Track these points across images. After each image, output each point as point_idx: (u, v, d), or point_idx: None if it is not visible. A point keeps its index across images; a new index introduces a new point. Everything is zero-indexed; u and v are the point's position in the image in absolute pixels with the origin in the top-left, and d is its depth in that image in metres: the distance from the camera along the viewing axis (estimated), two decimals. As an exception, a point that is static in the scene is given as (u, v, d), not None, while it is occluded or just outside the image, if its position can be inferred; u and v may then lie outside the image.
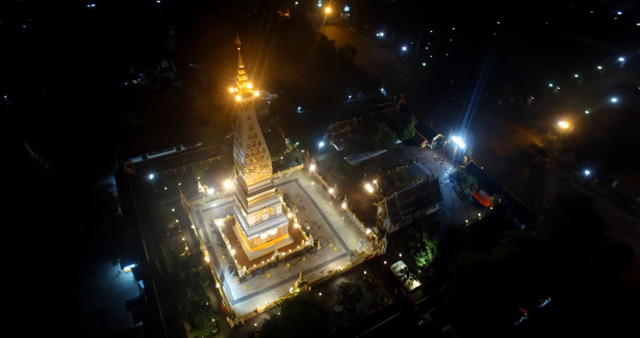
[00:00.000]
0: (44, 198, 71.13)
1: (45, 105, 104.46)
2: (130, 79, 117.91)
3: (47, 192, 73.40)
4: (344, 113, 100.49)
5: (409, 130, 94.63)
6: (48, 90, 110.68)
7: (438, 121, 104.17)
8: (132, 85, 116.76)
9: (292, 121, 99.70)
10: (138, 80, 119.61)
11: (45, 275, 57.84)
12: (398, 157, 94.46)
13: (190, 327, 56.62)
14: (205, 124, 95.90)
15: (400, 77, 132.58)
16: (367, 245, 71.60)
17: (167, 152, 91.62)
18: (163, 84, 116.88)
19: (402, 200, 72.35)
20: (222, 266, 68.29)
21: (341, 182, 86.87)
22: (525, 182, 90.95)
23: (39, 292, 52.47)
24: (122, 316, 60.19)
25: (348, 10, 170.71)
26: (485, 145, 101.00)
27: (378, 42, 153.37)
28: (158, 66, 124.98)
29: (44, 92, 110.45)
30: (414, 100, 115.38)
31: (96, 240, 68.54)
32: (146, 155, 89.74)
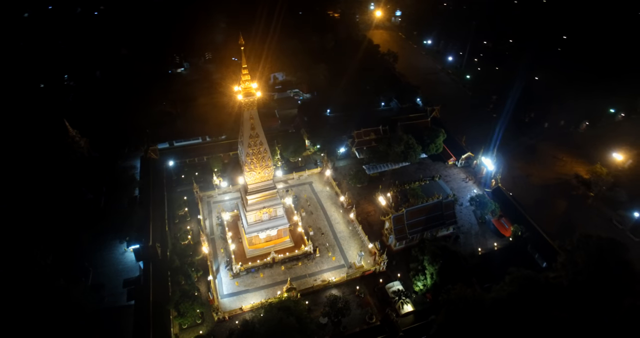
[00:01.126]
0: (72, 172, 77.02)
1: (97, 87, 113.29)
2: (175, 68, 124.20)
3: (77, 166, 79.44)
4: (374, 120, 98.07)
5: (436, 145, 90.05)
6: (102, 73, 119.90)
7: (472, 139, 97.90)
8: (175, 73, 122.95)
9: (319, 123, 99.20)
10: (181, 69, 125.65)
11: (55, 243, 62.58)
12: (421, 171, 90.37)
13: (176, 314, 58.10)
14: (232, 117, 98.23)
15: (441, 88, 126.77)
16: (367, 259, 69.24)
17: (192, 141, 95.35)
18: (204, 74, 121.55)
19: (410, 218, 69.02)
20: (220, 259, 69.67)
21: (356, 190, 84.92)
22: (558, 215, 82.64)
23: (46, 258, 56.90)
24: (119, 292, 63.65)
25: (399, 14, 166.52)
26: (520, 170, 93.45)
27: (425, 50, 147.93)
28: (202, 57, 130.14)
29: (98, 75, 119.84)
30: (451, 114, 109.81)
31: (111, 217, 72.80)
32: (173, 142, 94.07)
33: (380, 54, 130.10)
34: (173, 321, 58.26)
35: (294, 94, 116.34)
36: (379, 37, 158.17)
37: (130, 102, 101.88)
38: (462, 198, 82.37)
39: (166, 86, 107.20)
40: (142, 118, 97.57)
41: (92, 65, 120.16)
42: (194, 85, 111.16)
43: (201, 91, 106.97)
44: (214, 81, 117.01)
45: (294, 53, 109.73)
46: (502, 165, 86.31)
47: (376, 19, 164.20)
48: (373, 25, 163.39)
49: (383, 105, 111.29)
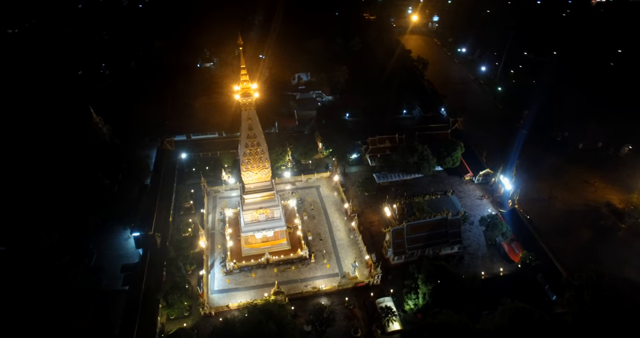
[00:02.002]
0: (92, 157, 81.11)
1: (130, 77, 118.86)
2: (204, 62, 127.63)
3: (97, 152, 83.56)
4: (393, 127, 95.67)
5: (453, 159, 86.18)
6: (136, 64, 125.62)
7: (495, 155, 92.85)
8: (203, 68, 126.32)
9: (336, 127, 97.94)
10: (210, 64, 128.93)
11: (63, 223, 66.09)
12: (434, 184, 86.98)
13: (165, 304, 59.40)
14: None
15: (470, 98, 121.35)
16: (363, 270, 67.45)
17: (209, 135, 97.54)
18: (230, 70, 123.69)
19: (411, 233, 66.48)
20: (216, 255, 70.62)
21: (363, 199, 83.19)
22: (580, 246, 76.08)
23: (51, 237, 60.22)
24: (117, 277, 66.13)
25: (437, 20, 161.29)
26: (543, 192, 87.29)
27: (458, 58, 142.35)
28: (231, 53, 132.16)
29: (133, 65, 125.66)
30: (477, 127, 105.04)
31: (121, 203, 75.85)
32: (190, 135, 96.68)
33: (410, 59, 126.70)
34: (161, 311, 59.64)
35: (316, 95, 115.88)
36: (414, 42, 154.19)
37: (157, 93, 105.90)
38: (474, 217, 78.28)
39: (193, 80, 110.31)
40: (165, 109, 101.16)
41: (128, 56, 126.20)
42: (219, 80, 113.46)
43: (224, 87, 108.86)
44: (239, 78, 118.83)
45: (317, 53, 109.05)
46: (522, 185, 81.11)
47: (412, 24, 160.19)
48: (409, 30, 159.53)
49: (405, 112, 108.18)
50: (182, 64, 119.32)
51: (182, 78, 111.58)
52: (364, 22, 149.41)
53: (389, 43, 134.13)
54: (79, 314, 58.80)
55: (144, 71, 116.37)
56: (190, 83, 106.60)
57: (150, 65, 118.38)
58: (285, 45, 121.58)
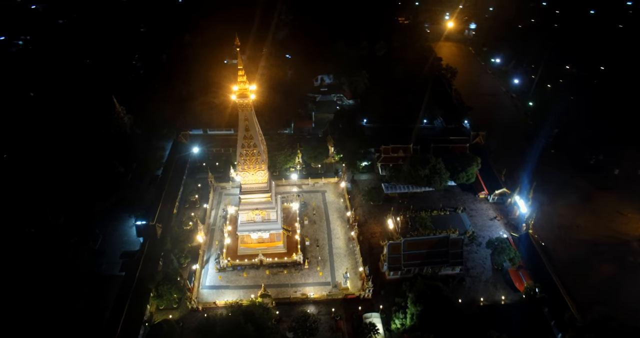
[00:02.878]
0: (110, 144, 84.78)
1: (161, 70, 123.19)
2: (231, 58, 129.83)
3: (116, 140, 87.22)
4: (411, 136, 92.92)
5: (467, 174, 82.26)
6: (168, 57, 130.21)
7: (516, 173, 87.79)
8: (230, 64, 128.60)
9: (351, 132, 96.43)
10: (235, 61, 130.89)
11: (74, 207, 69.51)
12: (445, 200, 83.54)
13: (155, 294, 60.88)
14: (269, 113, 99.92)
15: (499, 112, 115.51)
16: (356, 282, 65.86)
17: (224, 131, 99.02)
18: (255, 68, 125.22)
19: (408, 249, 64.09)
20: (213, 251, 71.58)
21: (368, 208, 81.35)
22: (599, 282, 69.71)
23: (57, 218, 63.44)
24: (116, 262, 68.76)
25: (474, 28, 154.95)
26: (565, 218, 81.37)
27: (492, 69, 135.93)
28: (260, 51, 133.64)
29: (165, 58, 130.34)
30: (501, 143, 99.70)
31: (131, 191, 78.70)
32: (207, 130, 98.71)
33: (439, 67, 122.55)
34: (151, 300, 61.17)
35: (337, 99, 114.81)
36: (447, 49, 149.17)
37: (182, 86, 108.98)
38: (483, 238, 74.37)
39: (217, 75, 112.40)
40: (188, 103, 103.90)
41: (160, 49, 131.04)
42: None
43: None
44: (264, 76, 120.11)
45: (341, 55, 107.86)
46: (540, 208, 76.18)
47: (448, 30, 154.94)
48: (443, 37, 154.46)
49: (426, 122, 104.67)
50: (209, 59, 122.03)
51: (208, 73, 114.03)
52: (396, 26, 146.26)
53: (420, 49, 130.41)
54: (76, 295, 61.57)
55: (172, 64, 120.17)
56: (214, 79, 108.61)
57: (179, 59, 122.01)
58: (311, 45, 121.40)
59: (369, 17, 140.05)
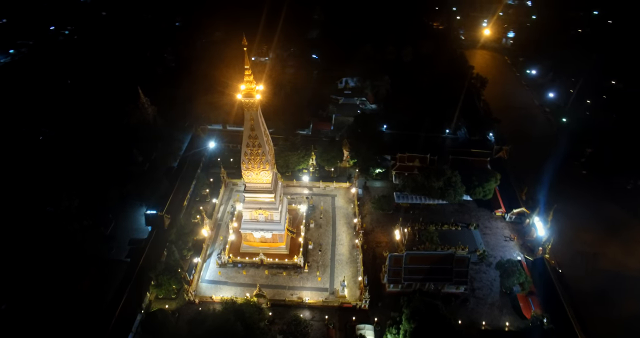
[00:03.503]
0: (131, 134, 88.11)
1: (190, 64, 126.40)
2: (259, 56, 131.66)
3: (138, 130, 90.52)
4: (430, 146, 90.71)
5: (484, 190, 78.87)
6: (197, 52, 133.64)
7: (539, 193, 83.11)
8: (258, 62, 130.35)
9: (370, 137, 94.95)
10: (265, 59, 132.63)
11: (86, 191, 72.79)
12: (459, 214, 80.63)
13: (154, 283, 62.62)
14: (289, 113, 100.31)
15: (529, 126, 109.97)
16: (354, 291, 64.80)
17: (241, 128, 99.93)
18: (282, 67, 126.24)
19: (410, 263, 62.32)
20: (217, 245, 72.70)
21: (378, 217, 79.85)
22: (620, 320, 64.55)
23: (72, 201, 66.72)
24: (124, 248, 71.33)
25: (512, 36, 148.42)
26: (589, 245, 76.19)
27: (527, 80, 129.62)
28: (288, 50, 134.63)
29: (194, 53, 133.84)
30: (527, 159, 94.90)
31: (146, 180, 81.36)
32: (226, 126, 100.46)
33: (469, 75, 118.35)
34: (151, 289, 62.96)
35: (360, 102, 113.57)
36: (480, 58, 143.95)
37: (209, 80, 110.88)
38: (494, 258, 71.20)
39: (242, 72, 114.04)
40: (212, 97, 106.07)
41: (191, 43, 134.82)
42: (271, 73, 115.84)
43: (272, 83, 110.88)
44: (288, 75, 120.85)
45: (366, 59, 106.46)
46: (560, 232, 71.94)
47: (484, 38, 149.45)
48: (479, 44, 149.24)
49: (448, 132, 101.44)
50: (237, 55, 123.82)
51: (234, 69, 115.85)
52: (428, 31, 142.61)
53: (451, 56, 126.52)
54: (82, 276, 64.40)
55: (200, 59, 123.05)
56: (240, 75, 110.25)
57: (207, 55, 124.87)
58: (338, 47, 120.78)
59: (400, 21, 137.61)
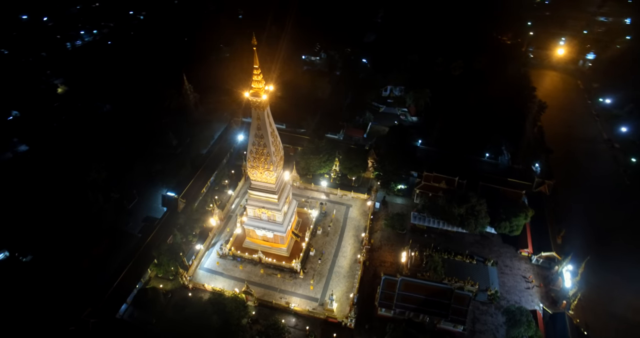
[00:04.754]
0: (171, 117, 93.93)
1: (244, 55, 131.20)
2: (311, 55, 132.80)
3: (177, 114, 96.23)
4: (463, 168, 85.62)
5: (511, 225, 72.19)
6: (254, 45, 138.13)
7: (581, 240, 74.21)
8: (308, 61, 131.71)
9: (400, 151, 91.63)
10: (317, 58, 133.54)
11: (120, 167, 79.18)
12: (478, 246, 74.98)
13: (156, 262, 66.35)
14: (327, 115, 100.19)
15: (589, 162, 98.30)
16: (344, 307, 63.14)
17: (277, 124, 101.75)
18: (330, 68, 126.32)
19: (404, 290, 59.26)
20: (222, 236, 75.02)
21: (389, 234, 77.05)
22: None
23: (100, 173, 73.05)
24: (138, 224, 76.51)
25: (592, 58, 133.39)
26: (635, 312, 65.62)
27: (598, 110, 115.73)
28: (345, 50, 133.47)
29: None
30: (578, 198, 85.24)
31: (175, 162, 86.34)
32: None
33: (528, 97, 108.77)
34: (152, 267, 66.79)
35: (400, 113, 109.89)
36: (548, 79, 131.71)
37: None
38: (507, 301, 65.12)
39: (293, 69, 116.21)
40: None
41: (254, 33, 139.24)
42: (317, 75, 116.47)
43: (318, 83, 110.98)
44: (334, 76, 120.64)
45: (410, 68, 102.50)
46: (593, 287, 63.66)
47: (557, 58, 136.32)
48: (549, 64, 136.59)
49: (489, 156, 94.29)
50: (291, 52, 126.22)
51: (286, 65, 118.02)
52: (491, 45, 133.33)
53: (512, 74, 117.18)
54: (97, 243, 70.21)
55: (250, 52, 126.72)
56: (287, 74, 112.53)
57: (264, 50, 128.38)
58: (389, 53, 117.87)
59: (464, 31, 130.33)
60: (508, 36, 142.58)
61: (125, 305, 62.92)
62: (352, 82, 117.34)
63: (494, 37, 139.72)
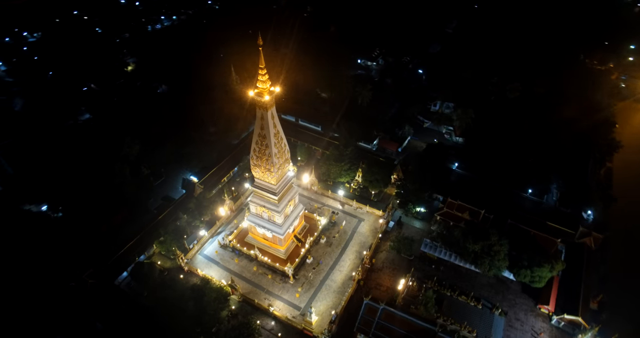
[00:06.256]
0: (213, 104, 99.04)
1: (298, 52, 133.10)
2: (368, 60, 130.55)
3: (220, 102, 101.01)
4: (498, 201, 78.98)
5: (533, 275, 64.24)
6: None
7: (623, 309, 63.89)
8: (364, 65, 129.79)
9: (435, 172, 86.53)
10: (373, 63, 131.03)
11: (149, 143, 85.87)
12: (490, 290, 68.22)
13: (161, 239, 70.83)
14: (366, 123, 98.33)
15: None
16: (324, 322, 61.72)
17: (313, 126, 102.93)
18: (382, 75, 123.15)
19: (384, 319, 56.23)
20: (228, 227, 77.61)
21: (394, 257, 73.32)
22: None
23: (131, 148, 79.91)
24: (157, 202, 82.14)
25: None
26: None
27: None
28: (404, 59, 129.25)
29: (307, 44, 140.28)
30: (633, 262, 73.12)
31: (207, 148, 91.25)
32: (299, 120, 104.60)
33: (603, 133, 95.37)
34: (156, 243, 71.44)
35: (446, 132, 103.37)
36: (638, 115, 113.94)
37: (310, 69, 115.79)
38: (506, 359, 58.39)
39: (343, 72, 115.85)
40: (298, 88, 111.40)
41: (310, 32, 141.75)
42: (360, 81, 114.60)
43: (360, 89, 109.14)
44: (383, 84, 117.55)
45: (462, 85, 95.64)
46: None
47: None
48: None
49: (531, 192, 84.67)
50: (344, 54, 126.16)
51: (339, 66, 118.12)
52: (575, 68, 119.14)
53: (592, 104, 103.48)
54: (117, 211, 76.96)
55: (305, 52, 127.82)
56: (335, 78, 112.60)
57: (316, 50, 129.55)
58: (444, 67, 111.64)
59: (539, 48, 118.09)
60: (597, 59, 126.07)
61: (125, 274, 68.37)
62: (402, 93, 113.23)
63: (579, 59, 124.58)
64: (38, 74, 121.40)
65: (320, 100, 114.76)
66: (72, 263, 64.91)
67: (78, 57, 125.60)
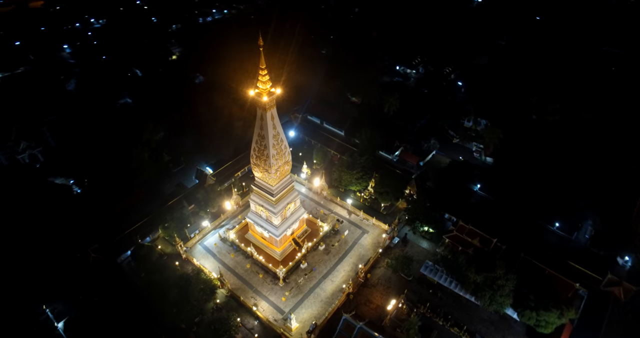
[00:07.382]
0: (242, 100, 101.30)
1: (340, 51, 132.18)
2: (409, 68, 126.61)
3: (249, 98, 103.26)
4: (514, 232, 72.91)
5: (538, 319, 58.46)
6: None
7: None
8: (402, 73, 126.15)
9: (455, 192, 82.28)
10: (412, 71, 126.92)
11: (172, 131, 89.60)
12: (489, 327, 63.31)
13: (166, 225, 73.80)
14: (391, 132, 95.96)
15: None
16: (304, 329, 60.87)
17: (336, 129, 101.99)
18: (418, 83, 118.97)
19: (360, 339, 53.84)
20: (232, 221, 78.97)
21: (391, 275, 70.49)
22: None
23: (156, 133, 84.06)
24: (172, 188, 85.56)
25: None
26: None
27: None
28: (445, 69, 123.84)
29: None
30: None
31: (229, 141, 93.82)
32: (323, 122, 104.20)
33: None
34: (160, 228, 74.50)
35: (475, 150, 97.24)
36: None
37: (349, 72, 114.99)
38: None
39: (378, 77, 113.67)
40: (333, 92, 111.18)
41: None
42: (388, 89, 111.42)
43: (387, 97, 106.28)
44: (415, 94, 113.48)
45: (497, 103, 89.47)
46: None
47: None
48: None
49: (559, 226, 77.18)
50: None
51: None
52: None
53: None
54: (132, 193, 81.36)
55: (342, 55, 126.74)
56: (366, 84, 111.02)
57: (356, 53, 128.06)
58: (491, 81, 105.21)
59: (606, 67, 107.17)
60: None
61: (129, 253, 72.00)
62: (436, 104, 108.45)
63: None
64: (94, 57, 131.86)
65: (349, 104, 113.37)
66: (81, 236, 69.51)
67: (131, 43, 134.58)
